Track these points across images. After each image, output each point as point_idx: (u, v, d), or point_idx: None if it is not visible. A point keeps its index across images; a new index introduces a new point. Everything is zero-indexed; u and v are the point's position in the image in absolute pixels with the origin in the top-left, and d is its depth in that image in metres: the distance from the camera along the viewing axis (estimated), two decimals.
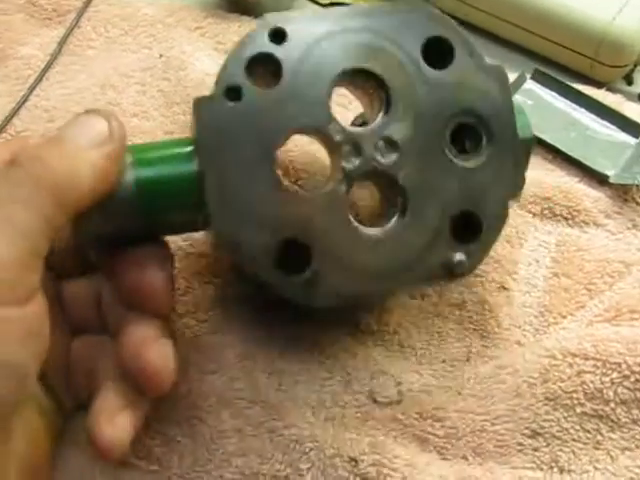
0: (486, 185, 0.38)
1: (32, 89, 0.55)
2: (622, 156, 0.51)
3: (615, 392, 0.40)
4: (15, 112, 0.54)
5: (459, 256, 0.37)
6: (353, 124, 0.50)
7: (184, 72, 0.54)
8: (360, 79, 0.39)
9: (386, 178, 0.38)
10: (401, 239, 0.37)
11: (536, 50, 0.60)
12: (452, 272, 0.37)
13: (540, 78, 0.55)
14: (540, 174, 0.51)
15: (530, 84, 0.55)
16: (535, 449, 0.40)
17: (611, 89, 0.56)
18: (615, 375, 0.41)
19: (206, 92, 0.52)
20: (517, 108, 0.40)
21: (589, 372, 0.41)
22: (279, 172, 0.36)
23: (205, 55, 0.56)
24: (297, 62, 0.37)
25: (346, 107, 0.53)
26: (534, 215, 0.49)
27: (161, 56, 0.56)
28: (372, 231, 0.38)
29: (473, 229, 0.38)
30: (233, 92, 0.37)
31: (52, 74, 0.56)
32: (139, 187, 0.35)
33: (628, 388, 0.40)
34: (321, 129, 0.37)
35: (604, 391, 0.40)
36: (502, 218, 0.38)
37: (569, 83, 0.55)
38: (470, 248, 0.38)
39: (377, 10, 0.39)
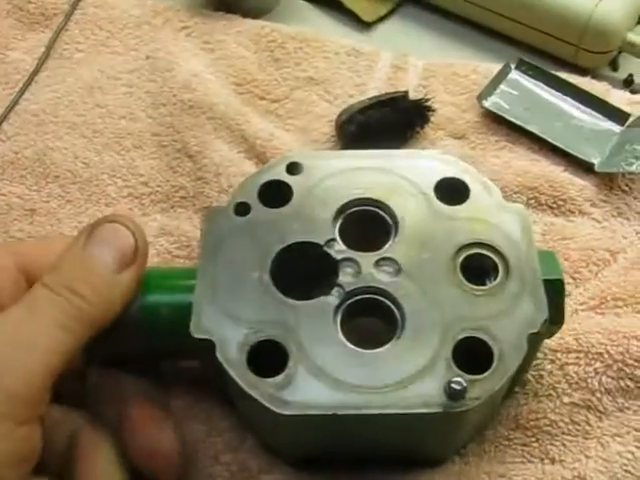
0: (498, 315, 0.36)
1: (21, 93, 0.56)
2: (607, 144, 0.52)
3: (600, 382, 0.41)
4: (4, 117, 0.54)
5: (458, 380, 0.33)
6: (339, 117, 0.51)
7: (170, 73, 0.55)
8: (369, 211, 0.40)
9: (384, 296, 0.37)
10: (395, 356, 0.35)
11: (520, 38, 0.59)
12: (451, 396, 0.33)
13: (525, 68, 0.55)
14: (526, 164, 0.51)
15: (515, 74, 0.55)
16: (524, 444, 0.41)
17: (596, 76, 0.56)
18: (598, 365, 0.41)
19: (191, 94, 0.53)
20: (546, 252, 0.40)
21: (572, 364, 0.41)
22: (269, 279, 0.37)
23: (192, 55, 0.56)
24: (307, 189, 0.40)
25: (331, 103, 0.54)
26: None
27: (148, 58, 0.56)
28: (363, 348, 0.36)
29: (484, 359, 0.35)
30: (242, 208, 0.39)
31: (41, 78, 0.57)
32: (144, 312, 0.36)
33: (612, 377, 0.41)
34: (321, 246, 0.38)
35: (588, 381, 0.41)
36: (518, 350, 0.35)
37: (554, 72, 0.55)
38: (478, 377, 0.34)
39: (391, 153, 0.42)
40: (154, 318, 0.37)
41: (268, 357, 0.35)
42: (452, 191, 0.40)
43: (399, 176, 0.40)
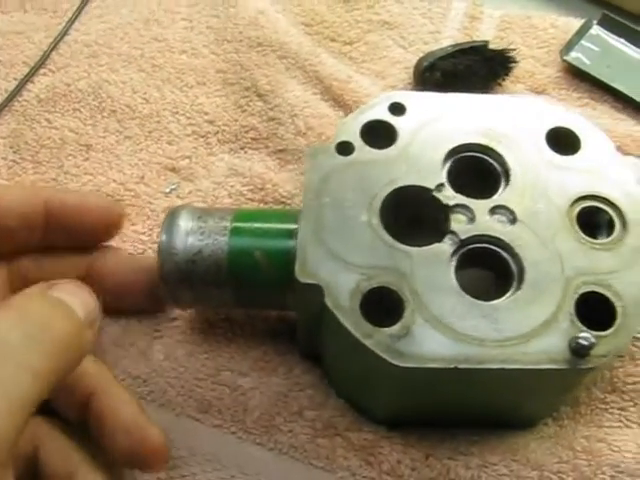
0: (619, 270, 0.34)
1: (71, 22, 0.52)
2: None
3: None
4: (54, 46, 0.51)
5: (586, 336, 0.31)
6: (419, 63, 0.48)
7: (234, 9, 0.51)
8: (477, 157, 0.38)
9: (499, 246, 0.35)
10: (515, 308, 0.33)
11: None
12: (577, 353, 0.31)
13: (608, 24, 0.52)
14: (610, 123, 0.48)
15: (597, 30, 0.52)
16: (621, 408, 0.38)
17: None
18: None
19: (259, 32, 0.50)
20: None
21: None
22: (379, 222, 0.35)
23: None
24: (413, 131, 0.38)
25: (406, 49, 0.51)
26: None
27: None
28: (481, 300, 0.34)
29: (606, 315, 0.33)
30: (345, 147, 0.37)
31: (91, 8, 0.53)
32: (235, 257, 0.35)
33: None
34: (431, 190, 0.36)
35: None
36: None
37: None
38: (603, 334, 0.32)
39: (497, 98, 0.40)
40: (246, 264, 0.35)
41: (379, 305, 0.32)
42: (563, 140, 0.38)
43: (507, 122, 0.38)
